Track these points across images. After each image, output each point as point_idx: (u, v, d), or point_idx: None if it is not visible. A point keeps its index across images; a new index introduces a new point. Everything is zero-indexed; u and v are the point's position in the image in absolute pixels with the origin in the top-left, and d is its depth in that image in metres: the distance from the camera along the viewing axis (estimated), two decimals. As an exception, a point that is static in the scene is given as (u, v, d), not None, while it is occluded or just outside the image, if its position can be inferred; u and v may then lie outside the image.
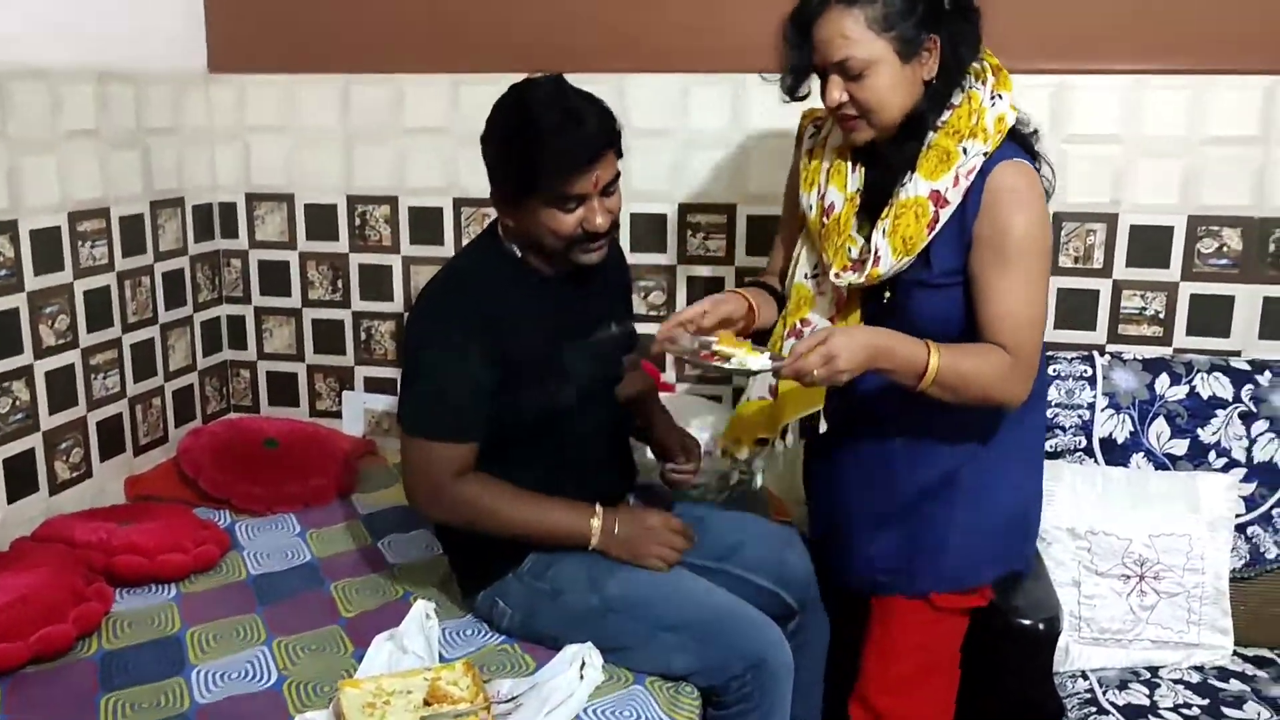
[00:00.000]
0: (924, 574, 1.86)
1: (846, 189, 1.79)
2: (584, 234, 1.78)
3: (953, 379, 1.64)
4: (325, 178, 2.75)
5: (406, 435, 1.83)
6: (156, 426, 2.64)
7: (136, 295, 2.54)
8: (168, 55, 2.64)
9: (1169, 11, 2.30)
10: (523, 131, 1.74)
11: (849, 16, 1.63)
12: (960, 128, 1.68)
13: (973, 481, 1.83)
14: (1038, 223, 1.68)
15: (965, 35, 1.69)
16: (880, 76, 1.64)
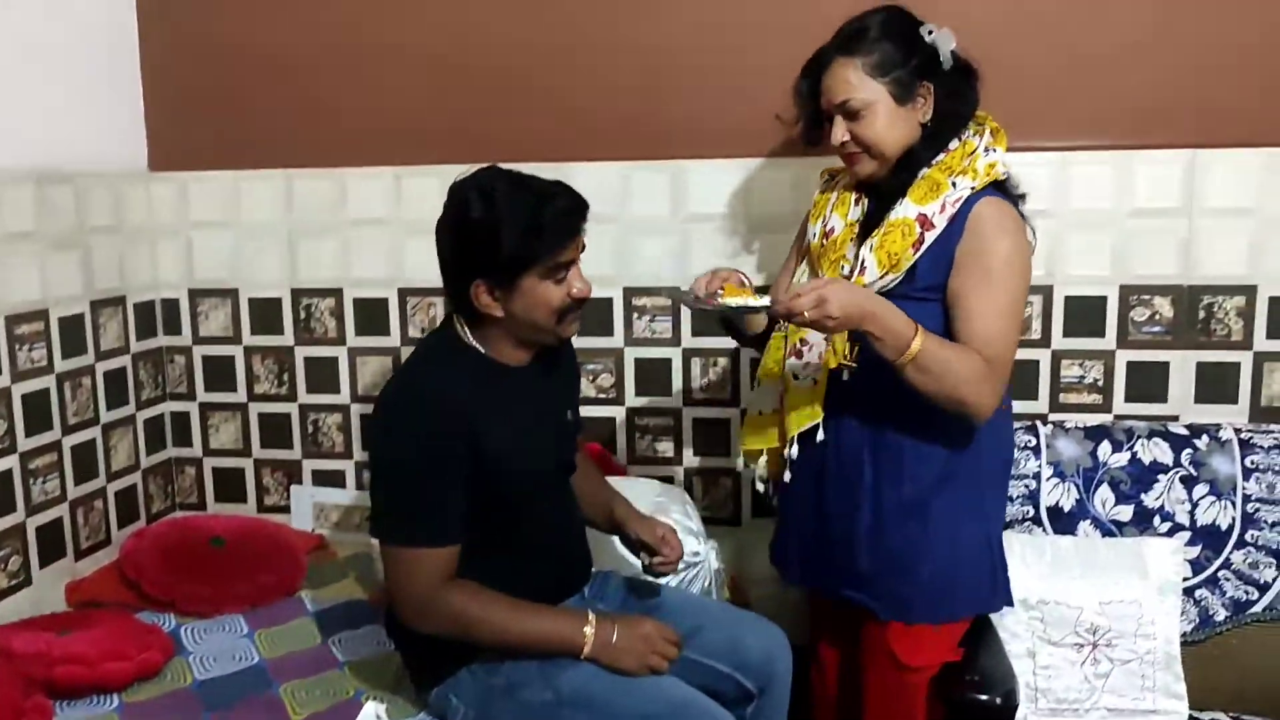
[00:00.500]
0: (895, 597, 1.89)
1: (848, 217, 1.95)
2: (571, 303, 1.82)
3: (931, 363, 1.73)
4: (269, 272, 2.75)
5: (387, 546, 1.80)
6: (98, 529, 2.59)
7: (77, 396, 2.51)
8: (108, 155, 2.64)
9: (1093, 91, 2.39)
10: (514, 210, 1.75)
11: (850, 65, 1.83)
12: (953, 165, 1.84)
13: (944, 514, 1.88)
14: (1020, 250, 1.81)
15: (961, 92, 1.86)
16: (877, 116, 1.83)
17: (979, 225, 1.79)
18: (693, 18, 2.50)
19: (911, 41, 1.83)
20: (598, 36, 2.54)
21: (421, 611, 1.79)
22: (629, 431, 2.67)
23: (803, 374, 1.95)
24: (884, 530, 1.89)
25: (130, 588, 2.39)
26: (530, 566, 1.88)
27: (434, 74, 2.61)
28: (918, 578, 1.89)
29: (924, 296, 1.82)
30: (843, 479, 1.92)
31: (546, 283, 1.78)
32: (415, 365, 1.90)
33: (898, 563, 1.89)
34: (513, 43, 2.57)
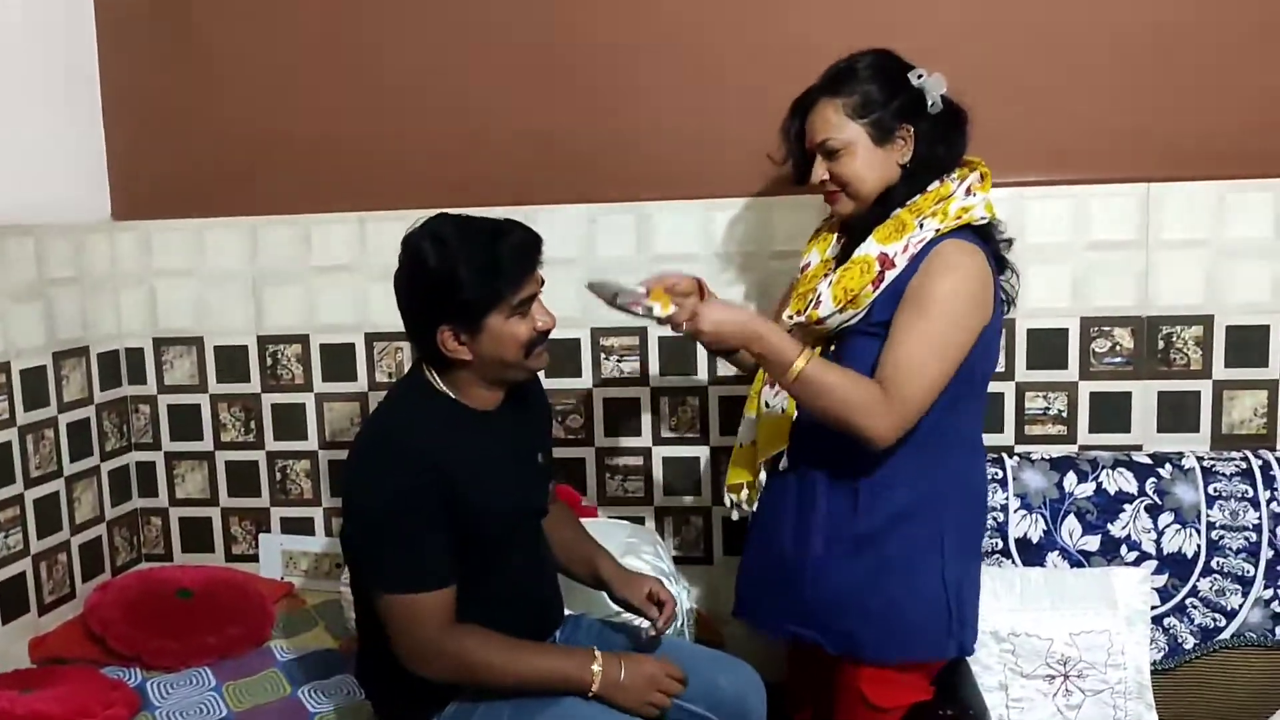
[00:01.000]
0: (841, 632, 1.88)
1: (825, 253, 1.99)
2: (537, 337, 1.83)
3: (815, 385, 1.76)
4: (235, 319, 2.74)
5: (388, 595, 1.76)
6: (63, 583, 2.55)
7: (39, 448, 2.48)
8: (71, 205, 2.64)
9: (1049, 126, 2.43)
10: (470, 252, 1.76)
11: (831, 105, 1.86)
12: (923, 207, 1.84)
13: (899, 552, 1.86)
14: (960, 291, 1.79)
15: (945, 135, 1.88)
16: (855, 156, 1.85)
17: (929, 263, 1.79)
18: (655, 61, 2.53)
19: (897, 84, 1.86)
20: (561, 81, 2.57)
21: (428, 657, 1.76)
22: (599, 472, 2.67)
23: (774, 402, 1.97)
24: (833, 563, 1.88)
25: (95, 642, 2.35)
26: (503, 611, 1.86)
27: (397, 119, 2.63)
28: (865, 614, 1.86)
29: (877, 333, 1.83)
30: (800, 509, 1.92)
31: (512, 320, 1.79)
32: (387, 414, 1.89)
33: (845, 597, 1.88)
34: (477, 87, 2.59)
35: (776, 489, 1.98)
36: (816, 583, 1.90)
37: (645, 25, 2.53)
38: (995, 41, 2.43)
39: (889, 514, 1.86)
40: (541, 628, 1.98)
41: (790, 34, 2.44)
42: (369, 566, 1.81)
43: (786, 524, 1.95)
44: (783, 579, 1.95)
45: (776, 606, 1.97)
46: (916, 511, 1.86)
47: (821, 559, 1.89)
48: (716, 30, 2.50)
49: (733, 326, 1.79)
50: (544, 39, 2.56)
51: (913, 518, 1.86)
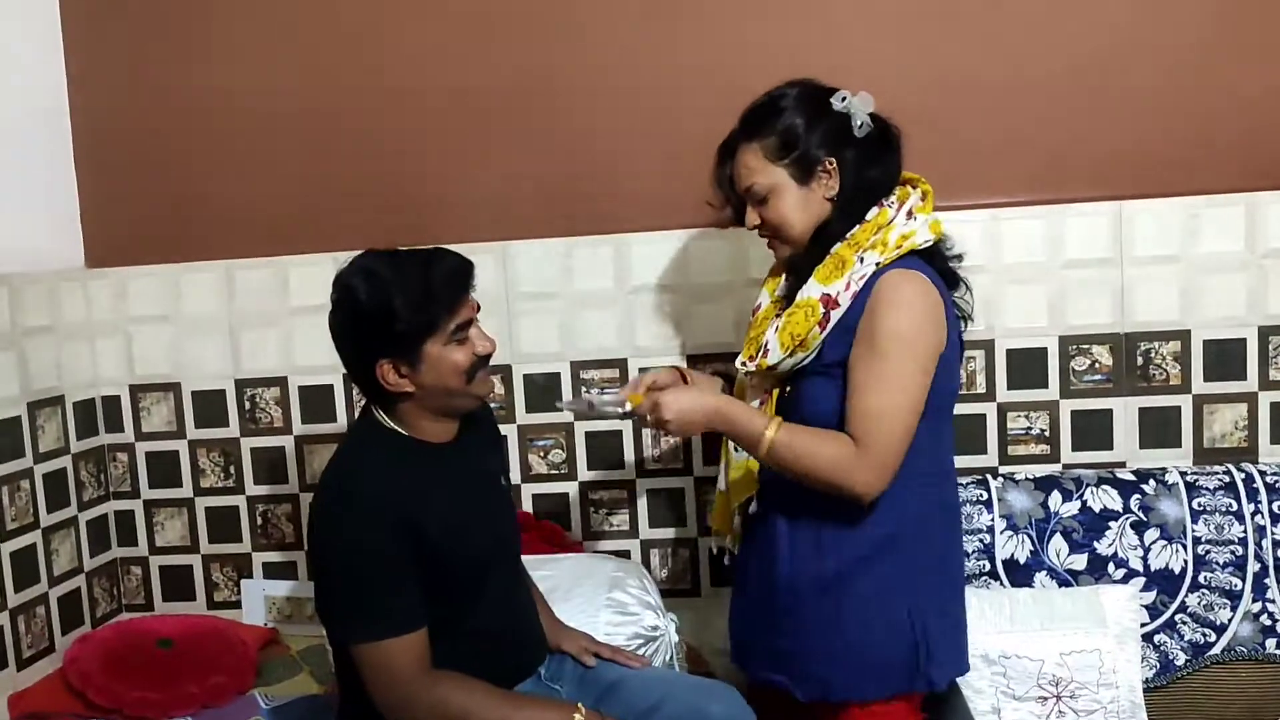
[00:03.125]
0: (813, 676, 1.85)
1: (774, 293, 1.96)
2: (477, 361, 1.81)
3: (788, 454, 1.75)
4: (212, 364, 2.72)
5: (358, 645, 1.74)
6: (41, 636, 2.51)
7: (15, 500, 2.45)
8: (44, 253, 2.62)
9: (1021, 147, 2.45)
10: (402, 283, 1.75)
11: (750, 151, 1.84)
12: (861, 240, 1.80)
13: (866, 592, 1.82)
14: (912, 325, 1.75)
15: (877, 157, 1.83)
16: (782, 199, 1.83)
17: (875, 299, 1.75)
18: (629, 92, 2.54)
19: (817, 114, 1.81)
20: (538, 113, 2.58)
21: (401, 702, 1.73)
22: (583, 506, 2.65)
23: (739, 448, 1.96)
24: (799, 608, 1.85)
25: (76, 696, 2.31)
26: (483, 650, 1.84)
27: (371, 160, 2.63)
28: (831, 657, 1.83)
29: (829, 372, 1.80)
30: (767, 554, 1.90)
31: (449, 346, 1.78)
32: (338, 462, 1.87)
33: (811, 642, 1.85)
34: (448, 125, 2.60)
35: (751, 534, 1.97)
36: (784, 629, 1.88)
37: (616, 63, 2.55)
38: (965, 65, 2.45)
39: (854, 556, 1.82)
40: (523, 665, 1.95)
41: (757, 67, 2.46)
42: (337, 618, 1.79)
43: (758, 569, 1.93)
44: (758, 624, 1.94)
45: (755, 652, 1.96)
46: (882, 550, 1.81)
47: (787, 604, 1.87)
48: (685, 63, 2.52)
49: (698, 414, 1.80)
50: (514, 78, 2.57)
51: (878, 557, 1.81)
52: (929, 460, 1.83)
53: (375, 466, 1.80)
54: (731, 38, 2.50)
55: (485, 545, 1.88)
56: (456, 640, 1.82)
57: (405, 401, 1.82)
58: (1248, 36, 2.39)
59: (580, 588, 2.24)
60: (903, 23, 2.46)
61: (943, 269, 1.85)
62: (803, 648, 1.86)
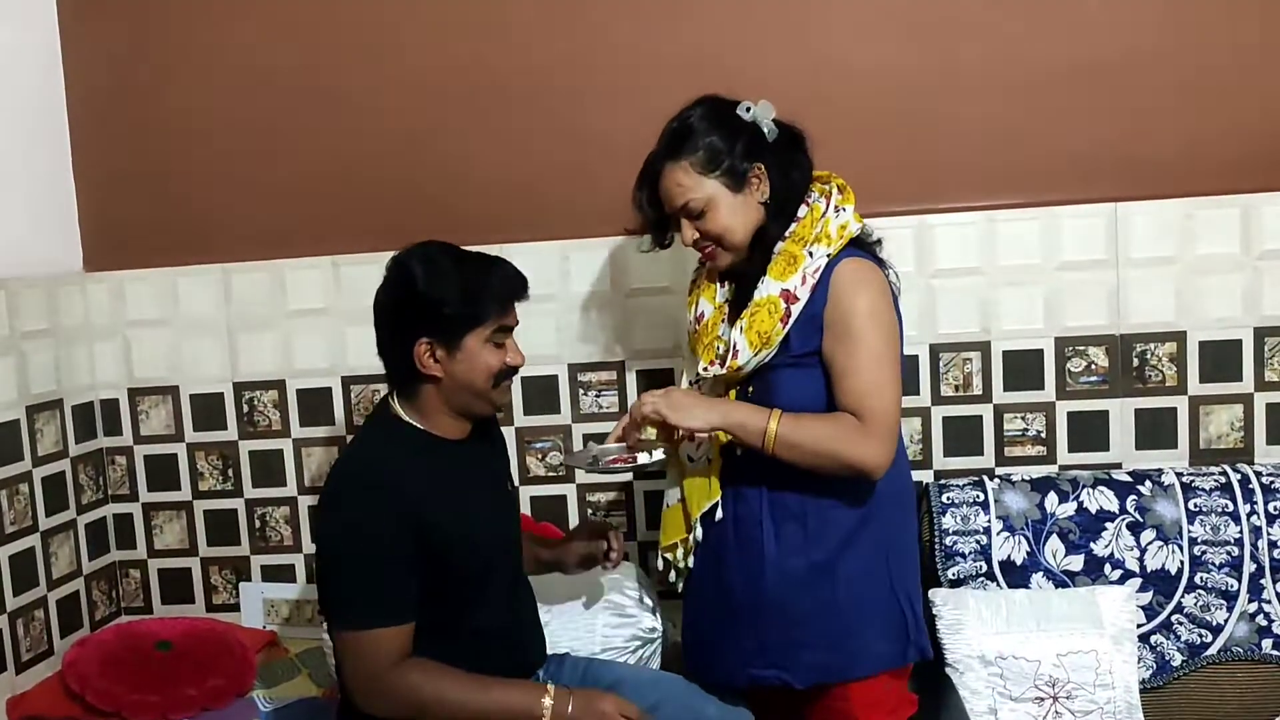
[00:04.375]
0: (808, 664, 1.89)
1: (715, 300, 2.00)
2: (506, 369, 1.85)
3: (796, 438, 1.80)
4: (210, 367, 2.73)
5: (340, 630, 1.77)
6: (40, 640, 2.52)
7: (14, 504, 2.45)
8: (42, 257, 2.62)
9: (1016, 149, 2.46)
10: (461, 271, 1.82)
11: (679, 169, 1.88)
12: (805, 235, 1.88)
13: (852, 574, 1.88)
14: (879, 305, 1.85)
15: (794, 161, 1.92)
16: (718, 210, 1.88)
17: (838, 287, 1.84)
18: (624, 97, 2.54)
19: (733, 127, 1.88)
20: (530, 121, 2.58)
21: (374, 692, 1.76)
22: (580, 508, 2.66)
23: (697, 455, 1.99)
24: (788, 597, 1.89)
25: (74, 700, 2.31)
26: (483, 649, 1.85)
27: (369, 162, 2.63)
28: (828, 641, 1.88)
29: (800, 363, 1.87)
30: (744, 552, 1.92)
31: (488, 346, 1.83)
32: (356, 450, 1.91)
33: (805, 629, 1.89)
34: (448, 128, 2.60)
35: (714, 540, 1.98)
36: (774, 621, 1.90)
37: (605, 66, 2.56)
38: (959, 66, 2.46)
39: (837, 539, 1.88)
40: (523, 666, 1.97)
41: (741, 73, 2.47)
42: (330, 601, 1.81)
43: (732, 570, 1.95)
44: (736, 625, 1.95)
45: (732, 654, 1.96)
46: (862, 527, 1.89)
47: (776, 596, 1.90)
48: (674, 70, 2.52)
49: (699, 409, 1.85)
50: (509, 80, 2.58)
51: (858, 537, 1.89)
52: None
53: (388, 456, 1.83)
54: (708, 47, 2.50)
55: (489, 545, 1.89)
56: (457, 640, 1.83)
57: (429, 387, 1.85)
58: (1243, 38, 2.40)
59: (578, 590, 2.24)
60: (897, 23, 2.47)
61: (870, 253, 1.95)
62: (796, 637, 1.89)
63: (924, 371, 2.50)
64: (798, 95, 2.39)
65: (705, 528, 1.98)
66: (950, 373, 2.50)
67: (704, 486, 1.97)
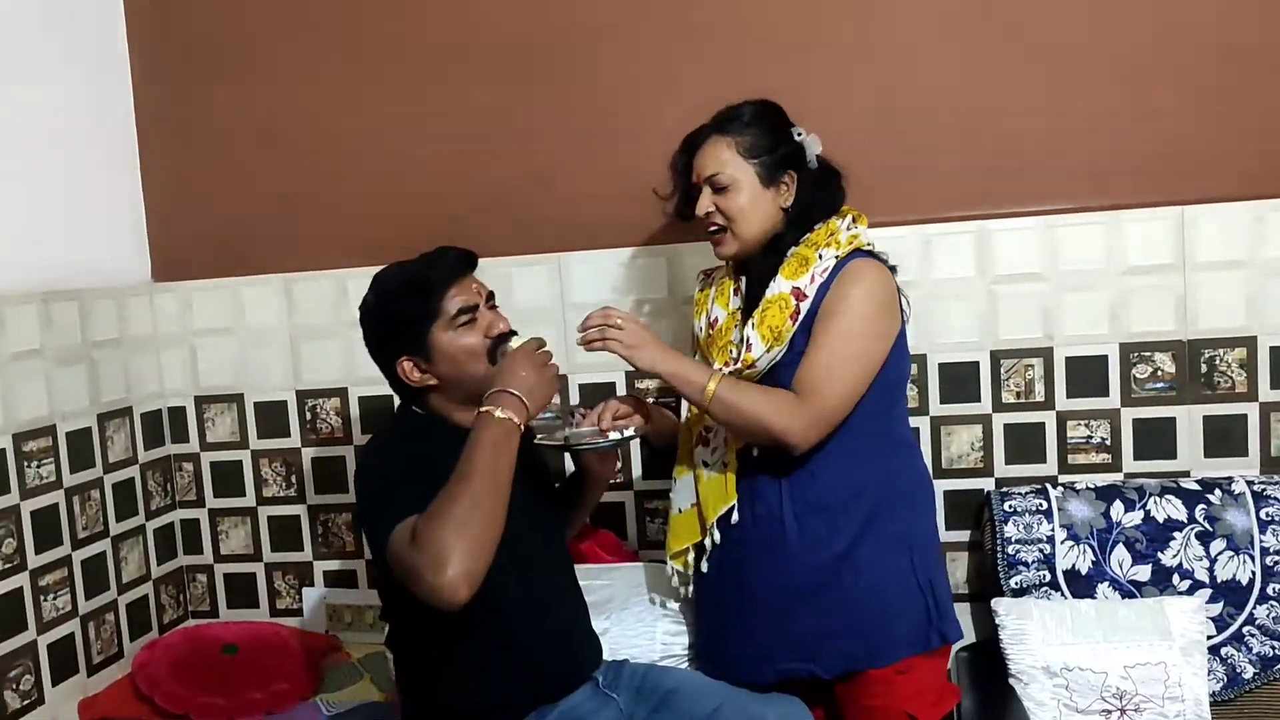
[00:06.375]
0: (839, 653, 1.92)
1: (729, 306, 2.04)
2: (492, 342, 1.86)
3: (731, 400, 1.85)
4: (274, 375, 2.77)
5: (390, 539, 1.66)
6: (111, 643, 2.57)
7: (86, 509, 2.51)
8: (113, 269, 2.69)
9: (1079, 153, 2.42)
10: (399, 281, 1.88)
11: (722, 143, 1.95)
12: (818, 240, 1.95)
13: (874, 559, 1.92)
14: (871, 299, 1.89)
15: (826, 185, 1.98)
16: (742, 193, 1.94)
17: (840, 280, 1.90)
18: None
19: (781, 134, 1.96)
20: (586, 137, 2.60)
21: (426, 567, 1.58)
22: (638, 516, 2.66)
23: (712, 460, 2.02)
24: (817, 588, 1.92)
25: (144, 701, 2.37)
26: (529, 650, 1.85)
27: (424, 174, 2.66)
28: (853, 629, 1.91)
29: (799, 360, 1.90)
30: (767, 551, 1.95)
31: (455, 332, 1.84)
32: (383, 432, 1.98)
33: (833, 618, 1.92)
34: (503, 140, 2.62)
35: (731, 543, 2.00)
36: (802, 613, 1.93)
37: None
38: (1021, 69, 2.43)
39: (858, 525, 1.91)
40: (575, 670, 1.95)
41: (798, 78, 2.46)
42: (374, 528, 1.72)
43: (754, 569, 1.97)
44: (760, 622, 1.97)
45: (755, 651, 1.98)
46: (878, 515, 1.92)
47: (803, 588, 1.93)
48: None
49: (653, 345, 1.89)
50: (565, 99, 2.60)
51: (877, 522, 1.92)
52: (903, 432, 2.03)
53: (413, 435, 1.88)
54: (785, 46, 2.49)
55: (522, 532, 1.79)
56: (497, 642, 1.82)
57: (433, 395, 1.88)
58: (1313, 36, 2.34)
59: (637, 597, 2.24)
60: (953, 27, 2.44)
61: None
62: (823, 628, 1.92)
63: (984, 378, 2.47)
64: (856, 104, 2.41)
65: (721, 531, 2.00)
66: (1011, 379, 2.47)
67: (720, 490, 1.99)
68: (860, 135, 2.00)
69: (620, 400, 2.06)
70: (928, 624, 1.95)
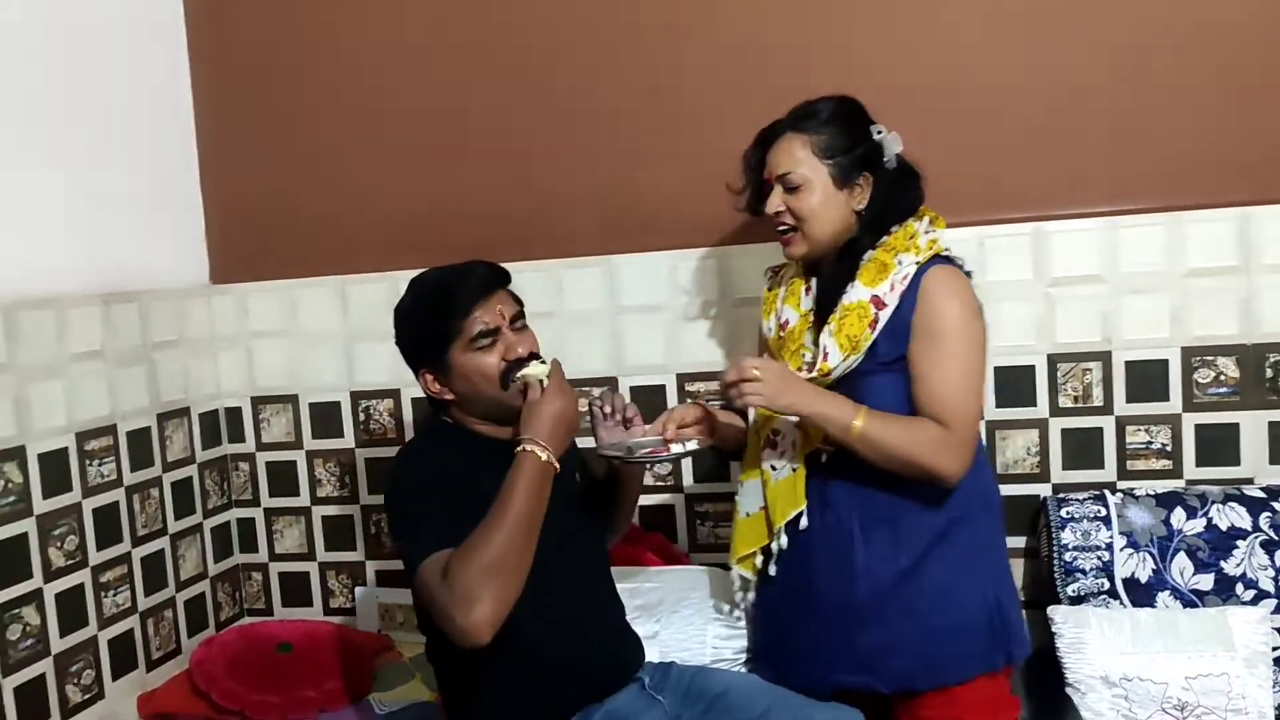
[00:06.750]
0: (898, 670, 1.88)
1: (800, 307, 1.99)
2: (509, 364, 1.84)
3: (879, 438, 1.80)
4: (328, 376, 2.81)
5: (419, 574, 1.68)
6: (169, 639, 2.62)
7: (145, 507, 2.55)
8: (172, 272, 2.73)
9: (1139, 153, 2.38)
10: (424, 293, 1.90)
11: (797, 140, 1.90)
12: (896, 245, 1.89)
13: (941, 577, 1.87)
14: (966, 313, 1.86)
15: (904, 186, 1.93)
16: (814, 193, 1.89)
17: (928, 293, 1.84)
18: (732, 107, 2.53)
19: (859, 133, 1.91)
20: (641, 132, 2.60)
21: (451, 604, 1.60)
22: (689, 519, 2.65)
23: (780, 464, 1.98)
24: (879, 604, 1.88)
25: (201, 697, 2.40)
26: (564, 652, 1.85)
27: (477, 176, 2.68)
28: (917, 646, 1.87)
29: (887, 369, 1.87)
30: (834, 560, 1.91)
31: (472, 354, 1.83)
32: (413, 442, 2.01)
33: (895, 634, 1.88)
34: (557, 144, 2.63)
35: (799, 548, 1.96)
36: (865, 627, 1.89)
37: (718, 78, 2.56)
38: (1080, 68, 2.39)
39: (927, 541, 1.88)
40: (615, 672, 1.94)
41: (861, 79, 2.44)
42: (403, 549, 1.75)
43: (821, 577, 1.93)
44: (824, 632, 1.93)
45: (818, 660, 1.94)
46: (949, 532, 1.88)
47: (867, 602, 1.89)
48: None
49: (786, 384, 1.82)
50: (619, 96, 2.60)
51: (947, 539, 1.88)
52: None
53: (440, 447, 1.89)
54: (849, 45, 2.48)
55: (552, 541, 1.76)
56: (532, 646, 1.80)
57: (453, 407, 1.90)
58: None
59: (688, 600, 2.23)
60: (1013, 23, 2.41)
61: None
62: (885, 642, 1.88)
63: (1041, 382, 2.43)
64: (915, 100, 2.38)
65: (789, 536, 1.97)
66: (1069, 383, 2.43)
67: (789, 494, 1.96)
68: (915, 133, 1.94)
69: (685, 408, 1.99)
70: (993, 643, 1.90)
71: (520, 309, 1.91)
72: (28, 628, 2.21)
